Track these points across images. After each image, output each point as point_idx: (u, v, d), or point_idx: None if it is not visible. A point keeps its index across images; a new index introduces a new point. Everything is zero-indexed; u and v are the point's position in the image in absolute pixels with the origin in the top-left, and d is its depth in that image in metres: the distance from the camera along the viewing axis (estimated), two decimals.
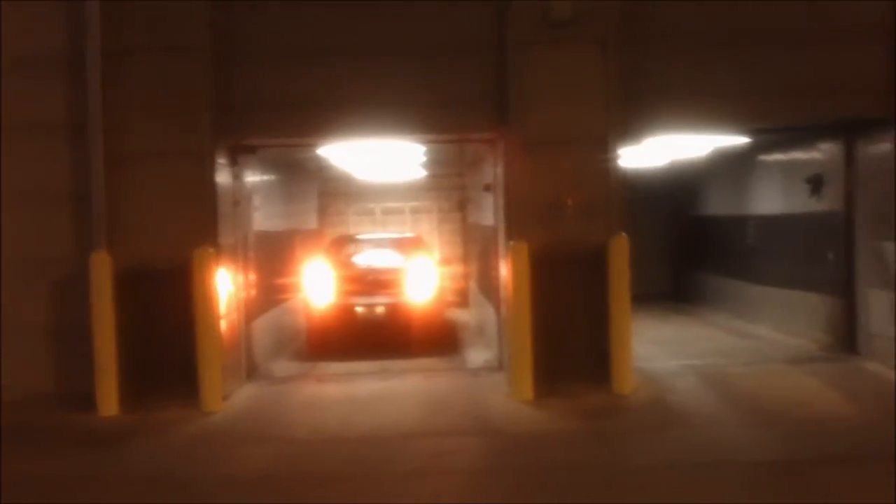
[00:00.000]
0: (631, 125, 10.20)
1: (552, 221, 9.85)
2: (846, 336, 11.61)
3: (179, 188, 9.80)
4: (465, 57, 10.17)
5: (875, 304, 10.93)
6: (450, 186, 20.00)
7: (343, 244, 15.69)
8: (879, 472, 6.95)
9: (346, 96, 10.10)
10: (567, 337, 9.89)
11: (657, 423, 8.66)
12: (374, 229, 19.40)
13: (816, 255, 12.41)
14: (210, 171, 9.87)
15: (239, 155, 10.87)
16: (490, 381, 10.60)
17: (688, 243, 18.69)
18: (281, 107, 10.12)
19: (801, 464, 7.16)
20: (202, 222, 9.78)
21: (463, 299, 19.32)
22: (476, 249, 16.45)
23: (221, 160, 10.26)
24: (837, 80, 10.23)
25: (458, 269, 19.70)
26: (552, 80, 9.86)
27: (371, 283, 13.80)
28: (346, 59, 10.11)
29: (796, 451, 7.54)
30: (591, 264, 9.78)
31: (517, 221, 9.95)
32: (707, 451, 7.67)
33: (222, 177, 10.27)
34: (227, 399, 9.94)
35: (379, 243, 15.88)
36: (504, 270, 10.27)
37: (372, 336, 13.43)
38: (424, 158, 14.34)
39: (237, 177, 10.88)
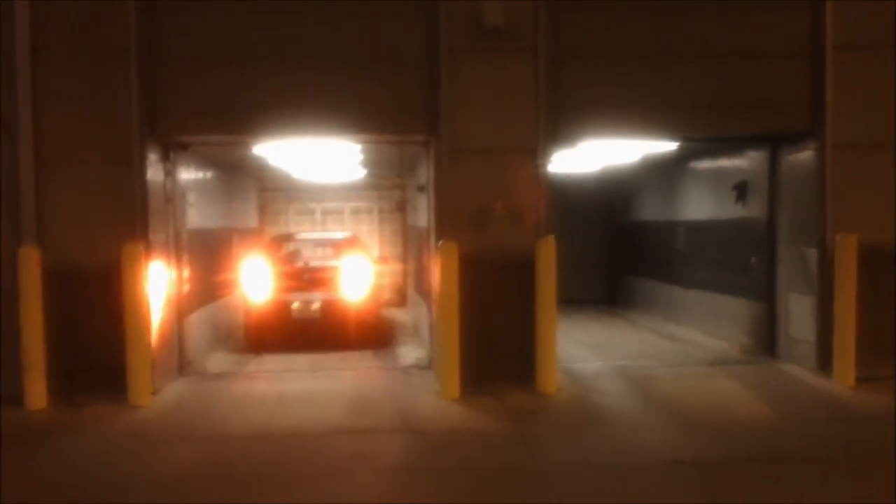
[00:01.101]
0: (560, 132, 10.44)
1: (481, 225, 10.04)
2: (768, 340, 11.95)
3: (108, 186, 9.81)
4: (396, 63, 10.27)
5: (795, 309, 11.27)
6: (390, 187, 20.13)
7: (281, 242, 15.95)
8: (788, 472, 7.24)
9: (275, 98, 10.14)
10: (495, 337, 10.10)
11: (577, 423, 8.84)
12: (312, 229, 19.54)
13: (741, 260, 12.74)
14: (139, 168, 9.87)
15: (171, 152, 10.87)
16: (420, 379, 10.74)
17: (621, 249, 19.03)
18: (210, 105, 10.15)
19: (713, 464, 7.36)
20: (132, 219, 9.81)
21: (402, 299, 19.51)
22: (413, 250, 16.63)
23: (153, 156, 10.26)
24: (759, 94, 10.57)
25: (397, 269, 19.87)
26: (482, 88, 10.04)
27: (307, 280, 14.03)
28: (276, 64, 10.17)
29: (710, 452, 7.75)
30: (520, 267, 9.99)
31: (448, 224, 10.11)
32: (622, 451, 7.86)
33: (153, 174, 10.27)
34: (157, 394, 9.98)
35: (316, 242, 16.16)
36: (435, 271, 10.43)
37: (307, 332, 13.80)
38: (362, 158, 14.44)
39: (169, 173, 10.87)
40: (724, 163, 13.49)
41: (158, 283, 10.35)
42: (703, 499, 6.63)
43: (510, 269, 10.04)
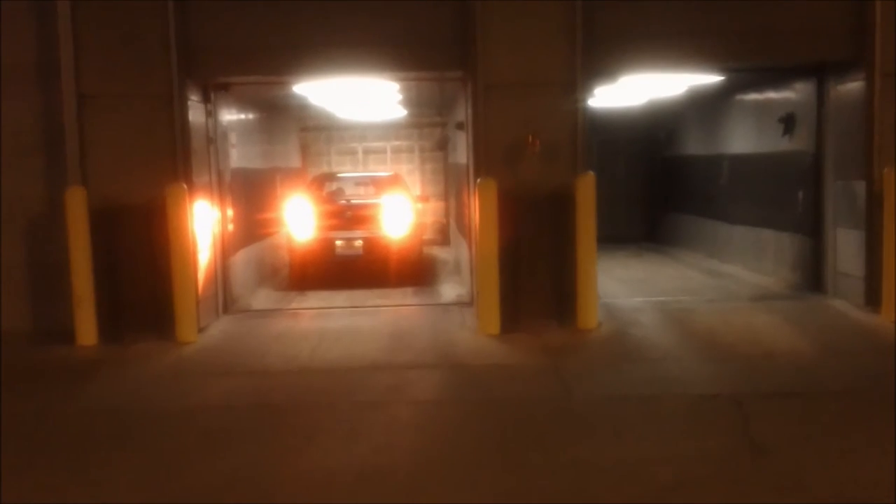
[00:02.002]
0: (599, 65, 10.28)
1: (518, 161, 9.98)
2: (814, 275, 11.81)
3: (149, 127, 9.91)
4: None
5: (843, 244, 11.11)
6: (431, 126, 20.07)
7: (323, 182, 16.12)
8: (824, 405, 7.20)
9: (312, 36, 10.11)
10: (534, 274, 10.11)
11: (614, 358, 8.88)
12: (354, 168, 19.63)
13: (787, 194, 12.55)
14: (180, 109, 9.93)
15: (212, 93, 10.95)
16: (460, 316, 10.82)
17: (663, 184, 18.83)
18: (248, 45, 10.16)
19: (748, 397, 7.33)
20: (173, 159, 9.90)
21: (444, 238, 19.59)
22: (454, 189, 16.63)
23: (194, 98, 10.34)
24: (807, 22, 10.29)
25: (439, 208, 19.92)
26: (518, 20, 9.89)
27: (349, 218, 14.17)
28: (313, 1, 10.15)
29: (746, 386, 7.73)
30: (559, 203, 9.95)
31: (486, 161, 10.06)
32: (658, 384, 7.87)
33: (195, 115, 10.36)
34: (203, 331, 10.20)
35: (358, 181, 16.32)
36: (474, 208, 10.44)
37: (350, 269, 14.00)
38: (402, 97, 14.41)
39: (211, 115, 10.97)
40: (771, 95, 13.22)
41: (202, 224, 10.51)
42: (736, 432, 6.64)
43: (549, 206, 10.01)
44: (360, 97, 13.65)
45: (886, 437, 6.32)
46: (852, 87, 10.73)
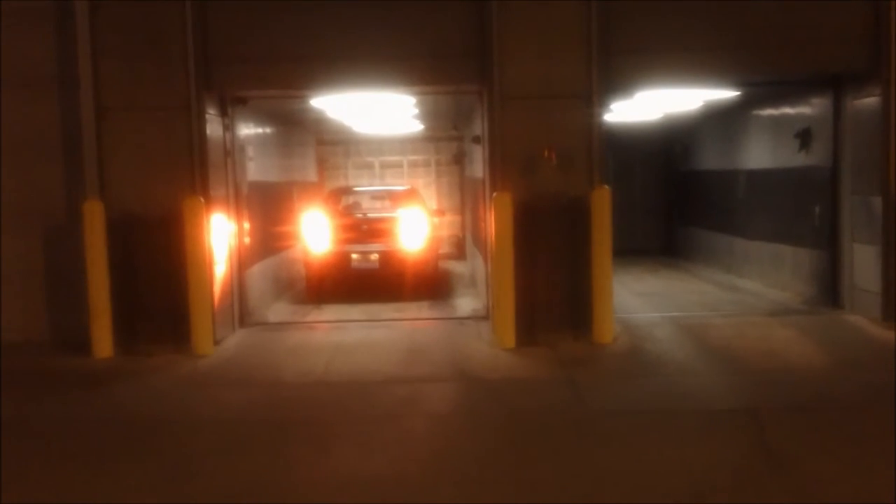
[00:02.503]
0: (617, 79, 10.32)
1: (533, 174, 9.99)
2: (831, 290, 11.74)
3: (167, 139, 9.96)
4: (448, 9, 10.25)
5: (859, 258, 11.06)
6: (447, 139, 20.13)
7: (340, 195, 16.22)
8: (838, 420, 7.17)
9: (328, 47, 10.18)
10: (550, 287, 10.08)
11: (630, 372, 8.87)
12: (371, 182, 19.71)
13: (804, 209, 12.51)
14: (198, 121, 10.00)
15: (229, 106, 11.02)
16: (476, 329, 10.82)
17: (680, 198, 18.81)
18: (267, 58, 10.24)
19: (764, 412, 7.31)
20: (191, 172, 9.95)
21: (460, 252, 19.62)
22: (470, 202, 16.68)
23: (211, 111, 10.42)
24: (823, 33, 10.30)
25: (455, 221, 19.96)
26: (534, 32, 9.91)
27: (365, 231, 14.23)
28: (328, 12, 10.18)
29: (762, 400, 7.70)
30: (574, 216, 9.95)
31: (502, 173, 10.08)
32: (672, 398, 7.88)
33: (212, 128, 10.43)
34: (219, 343, 10.24)
35: (374, 195, 16.41)
36: (490, 221, 10.45)
37: (366, 282, 14.09)
38: (419, 111, 14.47)
39: (228, 128, 11.04)
40: (787, 110, 13.20)
41: (219, 236, 10.57)
42: (752, 444, 6.61)
43: (565, 219, 10.00)
44: (376, 111, 13.71)
45: None
46: (869, 101, 10.70)
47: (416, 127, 17.75)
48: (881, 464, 6.15)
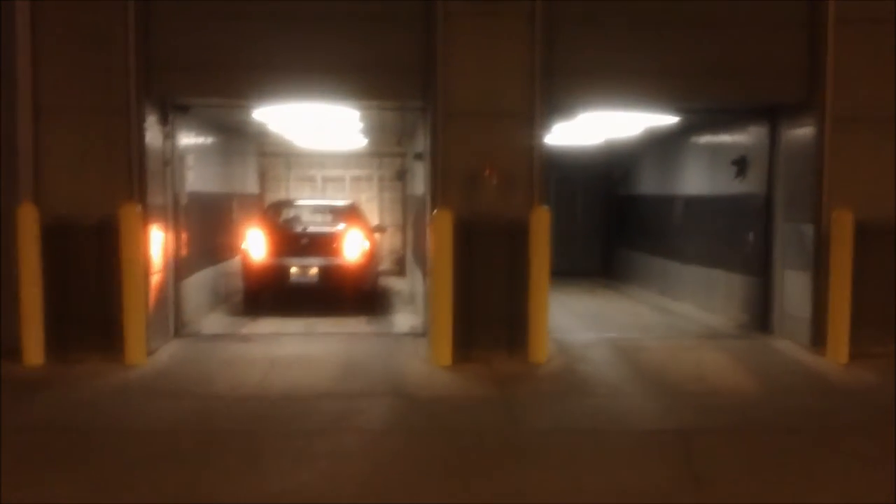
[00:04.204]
0: (559, 101, 10.44)
1: (475, 192, 10.06)
2: (762, 315, 11.97)
3: (106, 143, 9.83)
4: (394, 25, 10.27)
5: (790, 285, 11.30)
6: (390, 156, 20.16)
7: (280, 208, 16.16)
8: (765, 442, 7.30)
9: (273, 57, 10.15)
10: (487, 306, 10.15)
11: (563, 392, 8.92)
12: (312, 196, 19.67)
13: (738, 235, 12.77)
14: (138, 127, 9.89)
15: (171, 113, 10.91)
16: (413, 346, 10.82)
17: (618, 221, 19.08)
18: (210, 65, 10.16)
19: (691, 433, 7.43)
20: (129, 180, 9.83)
21: (401, 269, 19.61)
22: (412, 219, 16.70)
23: (151, 117, 10.30)
24: (761, 64, 10.56)
25: (397, 238, 19.96)
26: (479, 50, 10.00)
27: (305, 245, 14.14)
28: (272, 25, 10.17)
29: (690, 421, 7.82)
30: (514, 236, 10.02)
31: (443, 191, 10.13)
32: (604, 419, 7.94)
33: (152, 134, 10.31)
34: (153, 354, 10.10)
35: (315, 209, 16.36)
36: (430, 238, 10.47)
37: (304, 296, 14.01)
38: (362, 126, 14.47)
39: (168, 135, 10.92)
40: (724, 138, 13.48)
41: (156, 245, 10.43)
42: (679, 465, 6.71)
43: (504, 238, 10.08)
44: (319, 125, 13.68)
45: (821, 471, 6.52)
46: (803, 131, 10.98)
47: (360, 142, 17.75)
48: (803, 485, 6.31)
